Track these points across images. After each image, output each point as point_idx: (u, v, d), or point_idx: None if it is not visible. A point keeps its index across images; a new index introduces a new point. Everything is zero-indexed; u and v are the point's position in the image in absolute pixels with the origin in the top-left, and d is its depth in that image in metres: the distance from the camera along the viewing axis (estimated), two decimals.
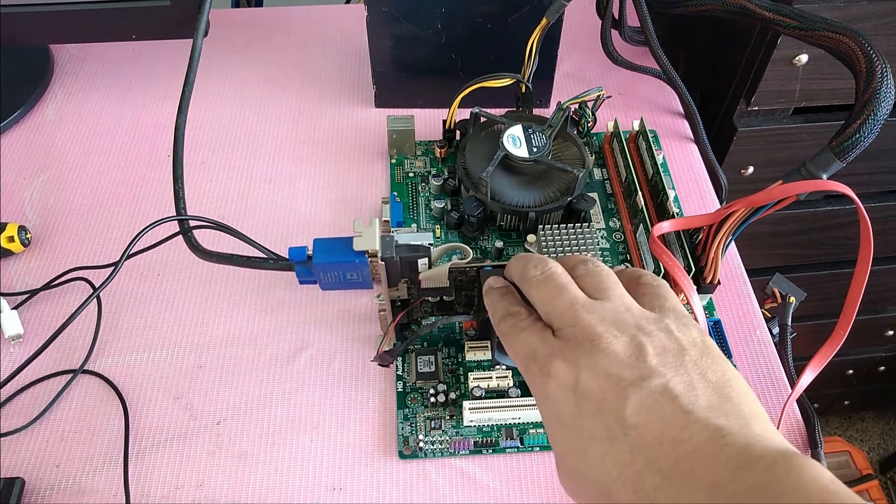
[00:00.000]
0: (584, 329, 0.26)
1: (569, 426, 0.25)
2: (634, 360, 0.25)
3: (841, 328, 0.39)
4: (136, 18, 0.52)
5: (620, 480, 0.23)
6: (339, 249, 0.38)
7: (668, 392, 0.24)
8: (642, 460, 0.23)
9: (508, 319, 0.30)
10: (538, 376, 0.27)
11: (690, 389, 0.24)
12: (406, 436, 0.41)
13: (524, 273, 0.31)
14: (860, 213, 0.36)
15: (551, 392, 0.26)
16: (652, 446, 0.23)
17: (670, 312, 0.28)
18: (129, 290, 0.48)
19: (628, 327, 0.26)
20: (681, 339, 0.26)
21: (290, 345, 0.46)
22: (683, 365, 0.25)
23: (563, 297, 0.28)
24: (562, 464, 0.26)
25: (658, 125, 0.59)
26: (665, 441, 0.23)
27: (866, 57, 0.35)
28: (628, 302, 0.28)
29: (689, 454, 0.22)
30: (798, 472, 0.20)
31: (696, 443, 0.22)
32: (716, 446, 0.22)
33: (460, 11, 0.51)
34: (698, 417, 0.23)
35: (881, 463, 1.22)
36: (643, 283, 0.30)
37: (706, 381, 0.24)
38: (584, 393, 0.25)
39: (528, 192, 0.48)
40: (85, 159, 0.56)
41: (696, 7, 0.45)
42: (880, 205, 0.73)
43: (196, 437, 0.42)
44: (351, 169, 0.55)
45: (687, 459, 0.22)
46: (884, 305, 0.91)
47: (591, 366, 0.25)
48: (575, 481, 0.25)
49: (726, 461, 0.21)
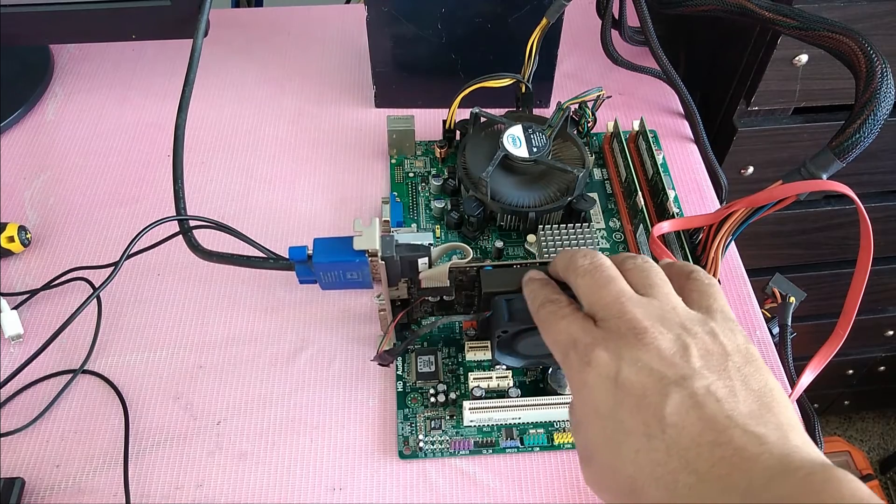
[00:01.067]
0: (630, 321, 0.26)
1: (605, 417, 0.25)
2: (678, 358, 0.25)
3: (841, 328, 0.39)
4: (136, 18, 0.52)
5: (653, 477, 0.23)
6: (340, 249, 0.38)
7: (711, 395, 0.23)
8: (678, 460, 0.23)
9: (549, 306, 0.30)
10: (578, 364, 0.26)
11: (732, 395, 0.24)
12: (406, 436, 0.41)
13: (571, 262, 0.30)
14: (860, 213, 0.36)
15: (590, 381, 0.26)
16: (689, 447, 0.23)
17: (717, 314, 0.28)
18: (129, 290, 0.48)
19: (673, 326, 0.26)
20: (725, 343, 0.26)
21: (290, 345, 0.46)
22: (727, 370, 0.25)
23: (610, 288, 0.28)
24: (591, 456, 0.26)
25: (658, 125, 0.59)
26: (703, 443, 0.22)
27: (866, 57, 0.35)
28: (675, 301, 0.28)
29: (727, 458, 0.22)
30: (836, 484, 0.20)
31: (734, 447, 0.22)
32: (754, 453, 0.22)
33: (460, 11, 0.51)
34: (738, 423, 0.23)
35: (881, 463, 1.23)
36: (694, 278, 0.29)
37: (748, 389, 0.24)
38: (625, 385, 0.25)
39: (528, 192, 0.48)
40: (85, 159, 0.56)
41: (696, 7, 0.45)
42: (880, 205, 0.73)
43: (196, 437, 0.42)
44: (351, 169, 0.55)
45: (724, 463, 0.22)
46: (884, 305, 0.91)
47: (634, 359, 0.25)
48: (604, 475, 0.25)
49: (763, 469, 0.21)
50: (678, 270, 0.30)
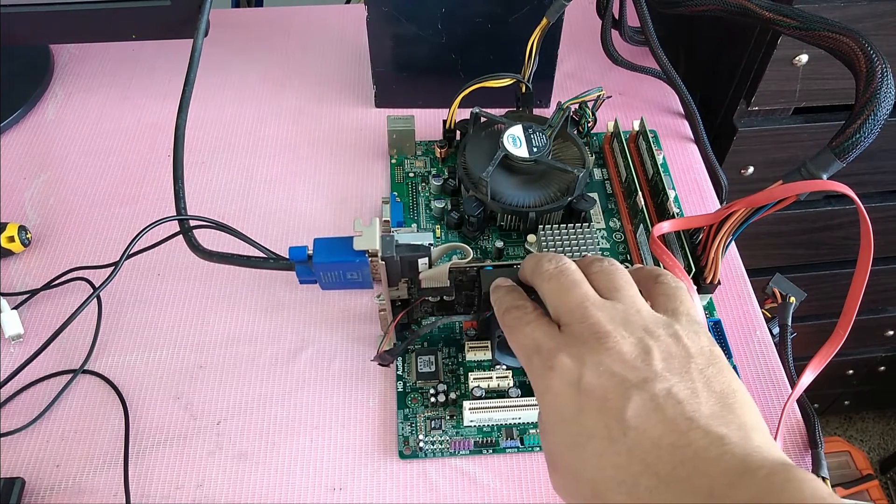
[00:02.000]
0: (592, 326, 0.26)
1: (568, 422, 0.25)
2: (640, 361, 0.25)
3: (841, 328, 0.39)
4: (136, 18, 0.52)
5: (615, 481, 0.23)
6: (340, 249, 0.38)
7: (672, 397, 0.24)
8: (639, 463, 0.23)
9: (514, 312, 0.30)
10: (540, 370, 0.27)
11: (694, 396, 0.24)
12: (406, 436, 0.41)
13: (538, 266, 0.31)
14: (860, 213, 0.36)
15: (553, 386, 0.26)
16: (650, 450, 0.23)
17: (682, 317, 0.28)
18: (129, 290, 0.48)
19: (636, 329, 0.26)
20: (689, 345, 0.26)
21: (290, 345, 0.46)
22: (689, 372, 0.25)
23: (574, 293, 0.28)
24: (556, 461, 0.26)
25: (658, 125, 0.59)
26: (664, 445, 0.22)
27: (866, 57, 0.35)
28: (639, 304, 0.28)
29: (688, 460, 0.22)
30: (797, 484, 0.20)
31: (695, 449, 0.22)
32: (715, 454, 0.22)
33: (460, 11, 0.51)
34: (699, 425, 0.23)
35: (881, 463, 1.22)
36: (661, 282, 0.30)
37: (710, 390, 0.24)
38: (587, 390, 0.25)
39: (528, 192, 0.48)
40: (85, 159, 0.56)
41: (696, 7, 0.45)
42: (880, 205, 0.73)
43: (196, 437, 0.42)
44: (351, 169, 0.55)
45: (685, 465, 0.22)
46: (884, 305, 0.91)
47: (596, 363, 0.25)
48: (568, 479, 0.25)
49: (725, 469, 0.21)
50: (646, 274, 0.31)
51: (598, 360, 0.25)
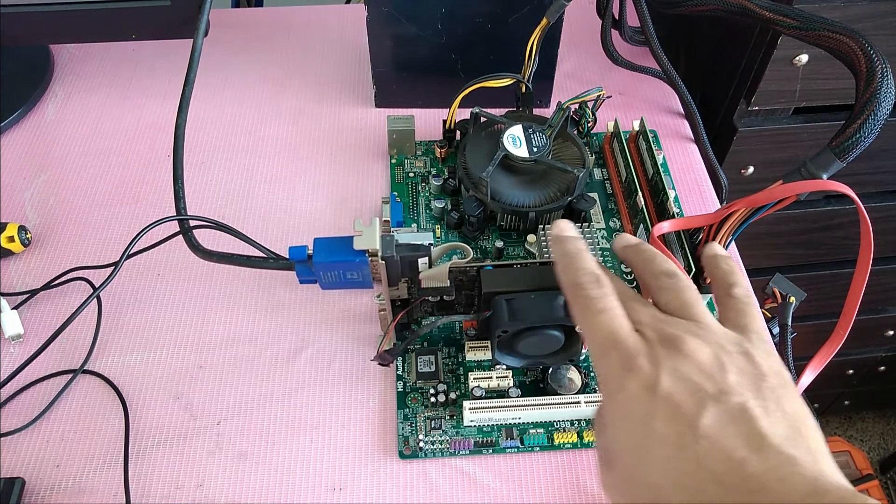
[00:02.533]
0: (670, 334, 0.26)
1: (637, 424, 0.25)
2: (716, 373, 0.25)
3: (841, 328, 0.39)
4: (136, 18, 0.52)
5: (680, 487, 0.23)
6: (340, 249, 0.38)
7: (747, 412, 0.24)
8: (708, 472, 0.23)
9: (591, 288, 0.28)
10: (617, 369, 0.26)
11: (766, 415, 0.24)
12: (406, 436, 0.41)
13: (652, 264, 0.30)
14: (860, 213, 0.36)
15: (628, 387, 0.25)
16: (721, 461, 0.23)
17: (753, 335, 0.28)
18: (129, 290, 0.48)
19: (711, 342, 0.26)
20: (761, 364, 0.26)
21: (290, 345, 0.46)
22: (761, 390, 0.25)
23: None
24: (614, 459, 0.26)
25: (658, 125, 0.59)
26: (735, 458, 0.23)
27: (866, 57, 0.35)
28: (710, 318, 0.28)
29: (758, 476, 0.22)
30: None
31: (767, 466, 0.22)
32: (785, 473, 0.22)
33: (460, 11, 0.51)
34: (772, 443, 0.23)
35: (881, 463, 1.22)
36: (733, 295, 0.29)
37: (782, 411, 0.24)
38: (662, 395, 0.24)
39: (528, 192, 0.48)
40: (85, 159, 0.56)
41: (696, 7, 0.45)
42: (880, 205, 0.73)
43: (196, 437, 0.42)
44: (351, 169, 0.55)
45: (754, 480, 0.22)
46: (884, 305, 0.91)
47: (673, 369, 0.25)
48: (624, 479, 0.25)
49: (794, 490, 0.21)
50: (721, 279, 0.30)
51: (676, 366, 0.25)
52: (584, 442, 0.41)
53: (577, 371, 0.42)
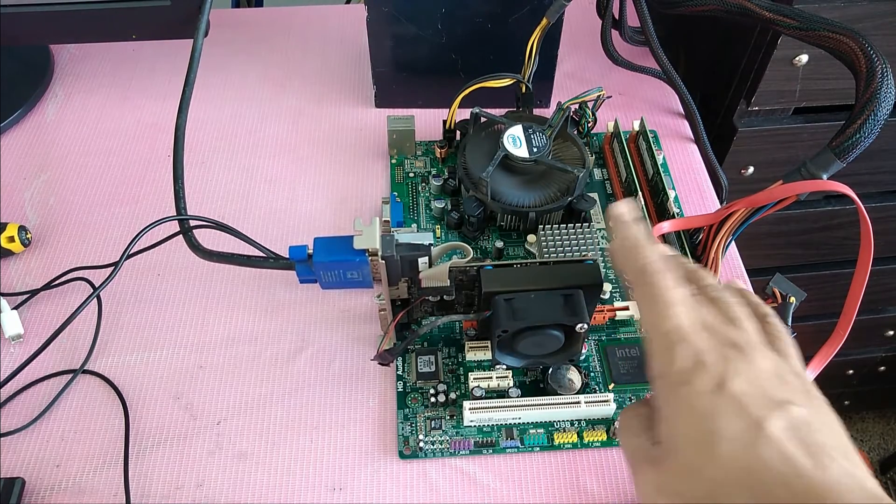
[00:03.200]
0: (735, 338, 0.27)
1: (702, 419, 0.25)
2: (778, 383, 0.25)
3: (841, 328, 0.39)
4: (136, 18, 0.52)
5: (744, 485, 0.23)
6: (340, 248, 0.38)
7: (808, 423, 0.24)
8: (776, 474, 0.23)
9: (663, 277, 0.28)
10: (685, 362, 0.26)
11: (822, 428, 0.24)
12: (406, 436, 0.41)
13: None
14: (860, 213, 0.36)
15: (696, 382, 0.25)
16: (787, 464, 0.23)
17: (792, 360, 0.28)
18: (129, 290, 0.48)
19: (770, 357, 0.27)
20: (806, 383, 0.26)
21: (290, 345, 0.46)
22: (813, 405, 0.25)
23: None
24: (670, 455, 0.26)
25: (658, 125, 0.59)
26: (800, 465, 0.23)
27: (866, 57, 0.35)
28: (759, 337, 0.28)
29: (820, 483, 0.22)
30: None
31: (829, 475, 0.23)
32: (847, 486, 0.22)
33: (460, 11, 0.51)
34: (832, 455, 0.23)
35: (881, 463, 1.22)
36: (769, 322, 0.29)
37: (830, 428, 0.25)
38: (730, 394, 0.25)
39: (528, 192, 0.48)
40: (85, 159, 0.56)
41: (696, 7, 0.46)
42: (880, 205, 0.73)
43: (196, 437, 0.42)
44: (351, 169, 0.55)
45: (818, 488, 0.22)
46: (884, 305, 0.91)
47: (741, 370, 0.25)
48: (685, 476, 0.25)
49: (857, 499, 0.22)
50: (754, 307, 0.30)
51: (743, 368, 0.25)
52: (584, 442, 0.41)
53: (577, 371, 0.42)
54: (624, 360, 0.44)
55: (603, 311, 0.45)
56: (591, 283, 0.38)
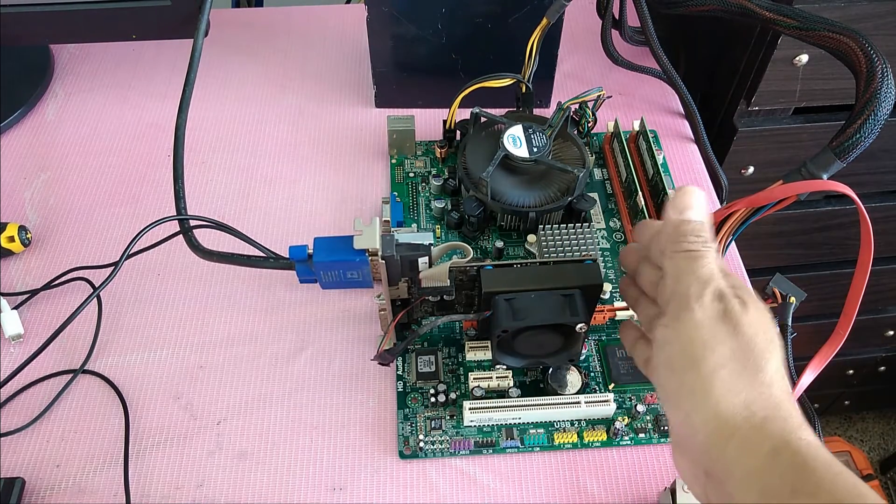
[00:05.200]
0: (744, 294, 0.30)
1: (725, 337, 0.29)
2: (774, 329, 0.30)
3: (841, 328, 0.39)
4: (136, 18, 0.52)
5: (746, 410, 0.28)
6: (340, 248, 0.38)
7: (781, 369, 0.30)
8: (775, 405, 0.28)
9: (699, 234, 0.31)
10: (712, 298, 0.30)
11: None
12: (406, 436, 0.41)
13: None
14: (860, 213, 0.36)
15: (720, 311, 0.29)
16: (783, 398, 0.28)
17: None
18: (129, 290, 0.48)
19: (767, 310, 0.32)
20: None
21: (290, 345, 0.46)
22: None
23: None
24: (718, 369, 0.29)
25: (658, 125, 0.59)
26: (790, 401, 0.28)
27: (866, 57, 0.35)
28: None
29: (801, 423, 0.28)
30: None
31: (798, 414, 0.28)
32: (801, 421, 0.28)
33: (460, 11, 0.51)
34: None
35: (881, 463, 1.22)
36: None
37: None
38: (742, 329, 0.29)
39: (528, 192, 0.48)
40: (85, 159, 0.56)
41: (696, 7, 0.45)
42: (881, 205, 0.73)
43: (196, 437, 0.42)
44: (351, 169, 0.55)
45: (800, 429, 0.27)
46: (884, 305, 0.91)
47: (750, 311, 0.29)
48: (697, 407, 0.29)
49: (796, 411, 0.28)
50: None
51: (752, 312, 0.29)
52: (584, 442, 0.41)
53: (577, 371, 0.42)
54: (624, 360, 0.44)
55: (603, 311, 0.45)
56: (591, 284, 0.38)
